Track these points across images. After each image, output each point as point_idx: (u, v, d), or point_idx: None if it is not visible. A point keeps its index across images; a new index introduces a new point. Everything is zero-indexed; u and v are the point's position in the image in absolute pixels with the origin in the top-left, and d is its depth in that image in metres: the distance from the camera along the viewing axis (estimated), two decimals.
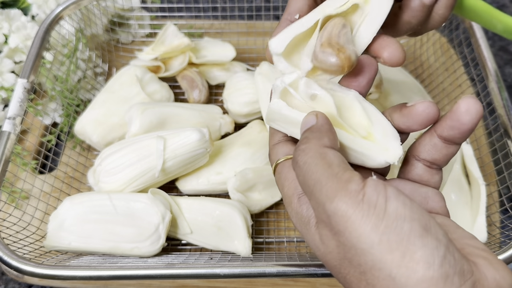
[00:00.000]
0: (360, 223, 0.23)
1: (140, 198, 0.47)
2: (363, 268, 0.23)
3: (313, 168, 0.25)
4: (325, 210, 0.24)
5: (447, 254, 0.23)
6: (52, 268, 0.40)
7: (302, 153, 0.26)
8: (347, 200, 0.23)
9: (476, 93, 0.59)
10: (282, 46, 0.31)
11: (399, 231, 0.23)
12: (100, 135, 0.54)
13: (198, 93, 0.60)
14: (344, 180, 0.24)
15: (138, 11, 0.69)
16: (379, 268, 0.23)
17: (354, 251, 0.23)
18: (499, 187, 0.50)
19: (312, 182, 0.25)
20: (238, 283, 0.47)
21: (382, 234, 0.22)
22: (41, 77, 0.57)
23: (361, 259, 0.23)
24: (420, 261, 0.22)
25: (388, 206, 0.23)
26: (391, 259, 0.22)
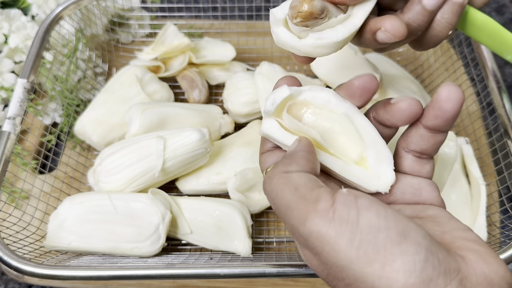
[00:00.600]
0: (335, 240, 0.23)
1: (140, 198, 0.47)
2: (348, 281, 0.23)
3: (280, 194, 0.25)
4: (300, 234, 0.24)
5: (429, 256, 0.23)
6: (52, 268, 0.40)
7: (267, 180, 0.27)
8: (318, 221, 0.23)
9: (476, 93, 0.59)
10: (283, 12, 0.32)
11: (375, 243, 0.23)
12: (100, 135, 0.54)
13: (198, 93, 0.60)
14: (312, 200, 0.24)
15: (138, 11, 0.69)
16: (362, 281, 0.23)
17: (336, 268, 0.23)
18: (499, 187, 0.50)
19: (283, 209, 0.25)
20: (238, 283, 0.47)
21: (358, 249, 0.23)
22: (41, 77, 0.57)
23: (344, 274, 0.23)
24: (400, 269, 0.22)
25: (360, 219, 0.23)
26: (371, 272, 0.22)
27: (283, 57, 0.67)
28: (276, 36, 0.32)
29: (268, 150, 0.33)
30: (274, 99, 0.30)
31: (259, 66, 0.58)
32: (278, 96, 0.30)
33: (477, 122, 0.56)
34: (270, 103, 0.30)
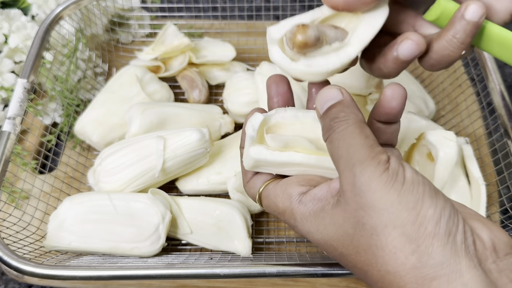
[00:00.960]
0: (384, 185, 0.26)
1: (140, 198, 0.47)
2: (377, 230, 0.26)
3: (350, 135, 0.28)
4: (353, 171, 0.27)
5: (451, 214, 0.25)
6: (52, 268, 0.40)
7: (342, 122, 0.29)
8: (376, 166, 0.26)
9: (476, 93, 0.59)
10: (280, 32, 0.32)
11: (416, 193, 0.26)
12: (100, 135, 0.54)
13: (198, 93, 0.60)
14: (377, 151, 0.27)
15: (138, 11, 0.69)
16: (394, 226, 0.25)
17: (372, 211, 0.26)
18: (499, 187, 0.50)
19: (346, 146, 0.27)
20: (238, 283, 0.47)
21: (401, 195, 0.25)
22: (41, 77, 0.57)
23: (377, 220, 0.26)
24: (430, 219, 0.25)
25: (406, 174, 0.26)
26: (407, 217, 0.25)
27: None
28: (270, 55, 0.33)
29: (252, 176, 0.35)
30: (253, 125, 0.32)
31: (259, 66, 0.58)
32: (255, 121, 0.32)
33: (477, 122, 0.56)
34: (250, 129, 0.32)
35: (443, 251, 0.24)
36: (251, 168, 0.33)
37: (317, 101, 0.30)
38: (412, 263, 0.25)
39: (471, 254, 0.25)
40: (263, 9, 0.71)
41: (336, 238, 0.28)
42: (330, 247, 0.29)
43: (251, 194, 0.35)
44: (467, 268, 0.24)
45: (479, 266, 0.24)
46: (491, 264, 0.25)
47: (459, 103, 0.59)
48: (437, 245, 0.25)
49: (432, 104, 0.59)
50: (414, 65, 0.67)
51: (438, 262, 0.24)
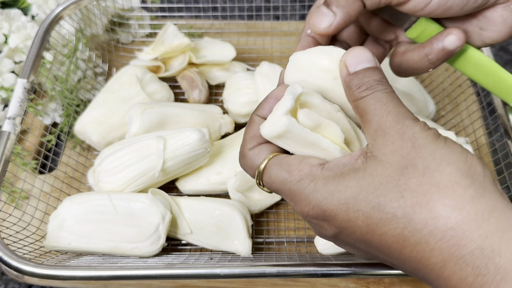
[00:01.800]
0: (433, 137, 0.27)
1: (140, 198, 0.47)
2: (431, 168, 0.26)
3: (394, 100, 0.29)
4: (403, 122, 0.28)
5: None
6: (52, 268, 0.40)
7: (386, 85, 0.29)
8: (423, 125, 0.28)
9: (476, 93, 0.59)
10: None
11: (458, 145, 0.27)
12: (100, 135, 0.54)
13: (198, 93, 0.60)
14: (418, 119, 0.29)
15: (138, 11, 0.69)
16: (448, 163, 0.26)
17: (425, 152, 0.27)
18: None
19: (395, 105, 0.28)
20: (238, 283, 0.47)
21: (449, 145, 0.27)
22: (41, 77, 0.57)
23: (430, 159, 0.26)
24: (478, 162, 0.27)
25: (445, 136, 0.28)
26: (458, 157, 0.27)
27: (283, 57, 0.67)
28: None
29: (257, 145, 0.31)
30: (293, 92, 0.29)
31: (259, 66, 0.58)
32: (295, 90, 0.30)
33: (477, 122, 0.56)
34: (290, 97, 0.29)
35: (493, 187, 0.26)
36: (273, 136, 0.30)
37: (349, 58, 0.29)
38: (471, 195, 0.25)
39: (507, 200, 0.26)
40: (263, 9, 0.71)
41: (373, 188, 0.26)
42: (361, 202, 0.26)
43: (250, 164, 0.31)
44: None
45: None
46: None
47: (459, 103, 0.59)
48: (488, 183, 0.26)
49: (432, 104, 0.60)
50: None
51: (494, 196, 0.25)
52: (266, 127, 0.30)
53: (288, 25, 0.70)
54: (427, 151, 0.26)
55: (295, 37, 0.68)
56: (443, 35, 0.35)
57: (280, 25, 0.69)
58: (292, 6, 0.74)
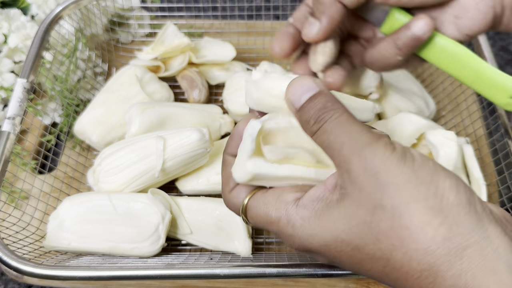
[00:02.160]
0: (397, 164, 0.25)
1: (140, 198, 0.46)
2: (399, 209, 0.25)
3: (347, 121, 0.27)
4: (362, 155, 0.26)
5: (465, 184, 0.26)
6: (52, 268, 0.40)
7: (333, 111, 0.27)
8: (384, 147, 0.26)
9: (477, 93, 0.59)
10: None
11: (428, 167, 0.25)
12: (100, 135, 0.54)
13: (198, 93, 0.60)
14: (378, 134, 0.27)
15: (138, 11, 0.69)
16: (416, 201, 0.24)
17: (391, 191, 0.25)
18: (500, 187, 0.50)
19: (347, 133, 0.26)
20: (238, 283, 0.47)
21: (416, 171, 0.25)
22: (41, 77, 0.57)
23: (398, 199, 0.25)
24: (450, 189, 0.25)
25: (412, 152, 0.26)
26: (427, 190, 0.25)
27: None
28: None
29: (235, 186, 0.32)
30: (251, 134, 0.29)
31: (259, 66, 0.58)
32: (252, 130, 0.29)
33: (477, 122, 0.56)
34: (249, 140, 0.29)
35: (470, 218, 0.24)
36: (247, 182, 0.30)
37: (290, 94, 0.28)
38: (442, 235, 0.24)
39: (494, 222, 0.25)
40: (263, 9, 0.71)
41: (349, 231, 0.26)
42: (341, 244, 0.27)
43: (233, 205, 0.32)
44: (495, 234, 0.24)
45: (504, 233, 0.24)
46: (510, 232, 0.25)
47: (460, 103, 0.59)
48: (463, 213, 0.24)
49: (432, 104, 0.59)
50: None
51: (468, 230, 0.24)
52: (236, 173, 0.30)
53: None
54: (392, 189, 0.25)
55: None
56: (411, 22, 0.35)
57: (280, 25, 0.69)
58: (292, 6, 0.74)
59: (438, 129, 0.49)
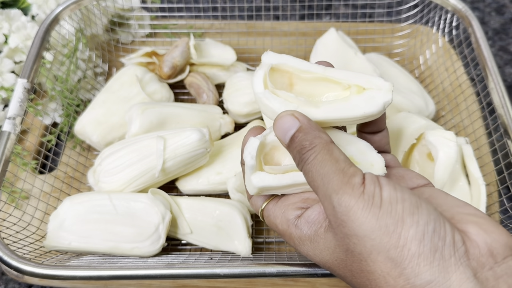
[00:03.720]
0: (362, 212, 0.25)
1: (140, 198, 0.47)
2: (363, 256, 0.26)
3: (320, 164, 0.28)
4: (331, 202, 0.27)
5: (436, 227, 0.25)
6: (52, 268, 0.40)
7: (309, 151, 0.28)
8: (351, 193, 0.26)
9: (476, 93, 0.59)
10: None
11: (394, 214, 0.25)
12: (100, 135, 0.54)
13: (206, 98, 0.60)
14: (349, 174, 0.27)
15: (138, 11, 0.69)
16: (378, 252, 0.25)
17: (355, 240, 0.26)
18: (499, 187, 0.50)
19: (320, 177, 0.27)
20: (238, 283, 0.47)
21: (380, 220, 0.25)
22: (41, 77, 0.57)
23: (361, 247, 0.26)
24: (412, 239, 0.25)
25: (383, 193, 0.26)
26: (388, 241, 0.25)
27: None
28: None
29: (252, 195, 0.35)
30: (250, 152, 0.31)
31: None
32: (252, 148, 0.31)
33: (477, 122, 0.56)
34: (249, 158, 0.31)
35: (430, 269, 0.24)
36: (258, 194, 0.33)
37: (277, 133, 0.30)
38: (401, 285, 0.25)
39: (464, 266, 0.24)
40: (263, 9, 0.71)
41: (332, 262, 0.29)
42: (329, 269, 0.30)
43: (255, 210, 0.36)
44: (459, 282, 0.24)
45: (473, 277, 0.24)
46: (488, 271, 0.24)
47: (459, 103, 0.59)
48: (423, 265, 0.24)
49: (432, 104, 0.60)
50: (414, 65, 0.67)
51: (425, 282, 0.24)
52: (247, 187, 0.33)
53: (288, 25, 0.70)
54: (356, 238, 0.26)
55: (295, 37, 0.68)
56: None
57: (280, 25, 0.69)
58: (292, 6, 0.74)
59: (438, 129, 0.49)
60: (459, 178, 0.51)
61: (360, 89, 0.31)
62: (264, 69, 0.33)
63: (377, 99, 0.30)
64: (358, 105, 0.31)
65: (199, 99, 0.61)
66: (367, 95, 0.31)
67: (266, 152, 0.33)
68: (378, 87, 0.31)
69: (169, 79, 0.61)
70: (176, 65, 0.60)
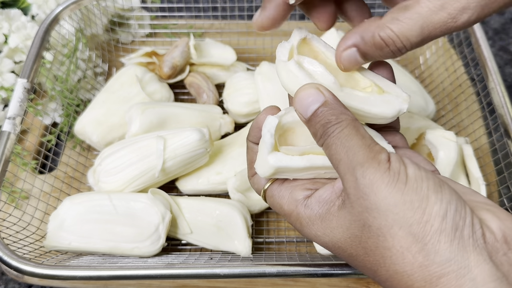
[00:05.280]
0: (386, 187, 0.25)
1: (140, 198, 0.47)
2: (382, 231, 0.25)
3: (347, 137, 0.27)
4: (354, 174, 0.26)
5: (458, 207, 0.25)
6: (52, 268, 0.40)
7: (336, 125, 0.28)
8: (377, 167, 0.26)
9: (476, 93, 0.59)
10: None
11: (420, 191, 0.25)
12: (100, 135, 0.54)
13: (206, 98, 0.60)
14: (376, 151, 0.27)
15: (138, 11, 0.69)
16: (400, 226, 0.25)
17: (376, 213, 0.26)
18: (499, 187, 0.50)
19: (345, 150, 0.27)
20: (238, 283, 0.47)
21: (405, 195, 0.25)
22: (41, 77, 0.57)
23: (382, 221, 0.25)
24: (436, 215, 0.25)
25: (408, 171, 0.26)
26: (413, 216, 0.25)
27: None
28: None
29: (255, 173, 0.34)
30: (269, 130, 0.30)
31: (259, 66, 0.58)
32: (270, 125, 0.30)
33: (477, 122, 0.56)
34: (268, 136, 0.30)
35: (450, 247, 0.24)
36: (270, 176, 0.31)
37: (298, 106, 0.29)
38: (419, 262, 0.25)
39: (480, 248, 0.24)
40: None
41: (344, 240, 0.28)
42: (338, 249, 0.29)
43: (256, 189, 0.34)
44: (476, 263, 0.24)
45: (489, 260, 0.24)
46: (502, 256, 0.25)
47: (459, 103, 0.59)
48: (444, 242, 0.24)
49: (432, 104, 0.59)
50: (414, 65, 0.67)
51: (445, 259, 0.24)
52: (259, 169, 0.32)
53: (288, 25, 0.70)
54: (377, 212, 0.25)
55: None
56: None
57: None
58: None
59: (438, 129, 0.49)
60: (459, 178, 0.51)
61: (380, 90, 0.31)
62: (293, 40, 0.32)
63: (394, 104, 0.31)
64: (376, 103, 0.31)
65: (199, 99, 0.61)
66: (385, 98, 0.31)
67: (280, 134, 0.31)
68: (396, 94, 0.31)
69: (169, 79, 0.61)
70: (176, 65, 0.60)
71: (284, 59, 0.31)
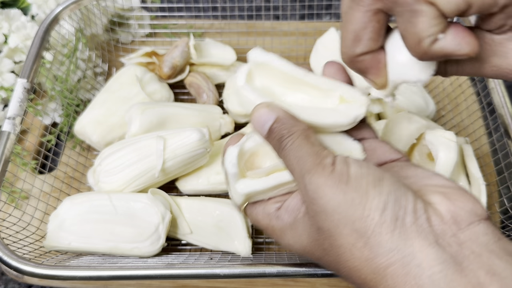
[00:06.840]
0: (330, 189, 0.27)
1: (140, 198, 0.47)
2: (331, 231, 0.27)
3: (298, 147, 0.29)
4: (303, 181, 0.28)
5: (398, 197, 0.26)
6: (52, 268, 0.40)
7: (288, 138, 0.29)
8: (321, 172, 0.27)
9: (476, 93, 0.59)
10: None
11: (359, 188, 0.26)
12: (100, 135, 0.54)
13: (206, 98, 0.60)
14: (322, 156, 0.28)
15: (138, 11, 0.69)
16: (344, 225, 0.26)
17: (324, 216, 0.27)
18: (499, 187, 0.50)
19: (296, 160, 0.29)
20: (238, 283, 0.47)
21: (347, 194, 0.26)
22: (41, 77, 0.57)
23: (329, 222, 0.27)
24: (376, 209, 0.26)
25: (350, 171, 0.27)
26: (354, 213, 0.26)
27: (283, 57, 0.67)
28: None
29: None
30: (231, 161, 0.31)
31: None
32: (231, 157, 0.31)
33: (477, 122, 0.56)
34: (230, 167, 0.31)
35: (391, 237, 0.25)
36: (244, 202, 0.33)
37: (255, 126, 0.31)
38: (365, 256, 0.26)
39: (426, 233, 0.25)
40: (263, 9, 0.71)
41: (309, 244, 0.29)
42: (308, 253, 0.30)
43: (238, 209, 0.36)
44: (420, 248, 0.24)
45: (435, 243, 0.25)
46: (451, 238, 0.25)
47: (459, 103, 0.59)
48: (385, 233, 0.25)
49: (432, 104, 0.59)
50: None
51: (388, 250, 0.25)
52: (232, 198, 0.33)
53: (288, 25, 0.70)
54: (325, 214, 0.27)
55: (295, 37, 0.68)
56: None
57: (280, 25, 0.69)
58: (292, 6, 0.74)
59: (438, 129, 0.49)
60: (459, 178, 0.51)
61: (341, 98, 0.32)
62: (248, 65, 0.33)
63: (349, 111, 0.31)
64: (330, 114, 0.32)
65: (199, 99, 0.61)
66: (342, 106, 0.32)
67: (246, 159, 0.33)
68: (354, 99, 0.32)
69: (169, 79, 0.61)
70: (176, 65, 0.60)
71: (241, 83, 0.33)
